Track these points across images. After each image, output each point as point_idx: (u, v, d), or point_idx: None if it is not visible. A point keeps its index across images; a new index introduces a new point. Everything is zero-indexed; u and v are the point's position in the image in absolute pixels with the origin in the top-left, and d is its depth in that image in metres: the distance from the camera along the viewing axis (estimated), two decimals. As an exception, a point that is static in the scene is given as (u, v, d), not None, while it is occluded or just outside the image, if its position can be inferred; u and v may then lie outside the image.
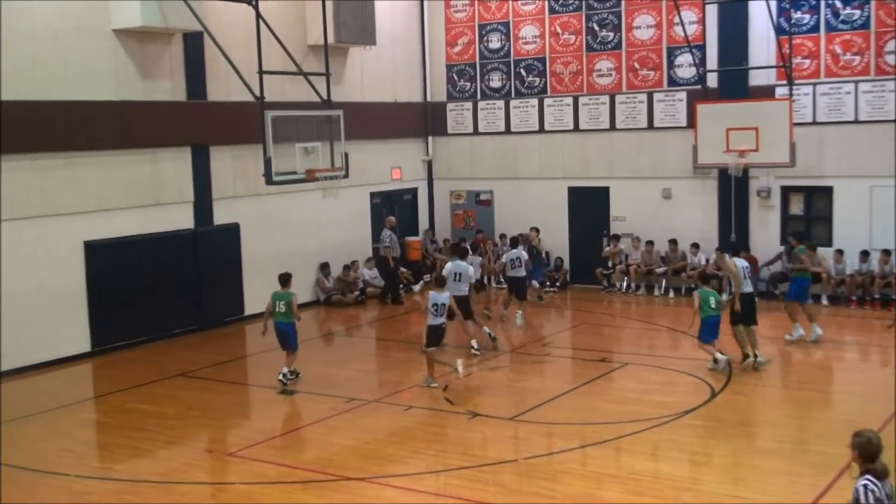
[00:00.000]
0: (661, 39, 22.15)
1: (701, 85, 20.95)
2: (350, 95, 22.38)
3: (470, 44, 24.64)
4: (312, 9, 20.05)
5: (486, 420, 12.99)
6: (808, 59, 20.42)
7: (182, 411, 13.88)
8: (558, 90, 23.48)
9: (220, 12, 18.76)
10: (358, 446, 12.08)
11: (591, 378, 14.84)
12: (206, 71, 19.19)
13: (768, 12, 19.68)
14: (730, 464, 11.20)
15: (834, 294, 20.07)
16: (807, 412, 13.29)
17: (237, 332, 19.51)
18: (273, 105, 17.43)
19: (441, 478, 11.06)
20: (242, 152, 19.75)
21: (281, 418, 13.48)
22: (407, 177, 24.85)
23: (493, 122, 24.46)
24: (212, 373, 16.07)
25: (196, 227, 19.22)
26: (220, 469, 11.72)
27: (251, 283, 20.23)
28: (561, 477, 10.87)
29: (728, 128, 19.77)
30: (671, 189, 22.12)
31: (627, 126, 22.61)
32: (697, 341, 15.30)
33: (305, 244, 21.42)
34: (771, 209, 21.13)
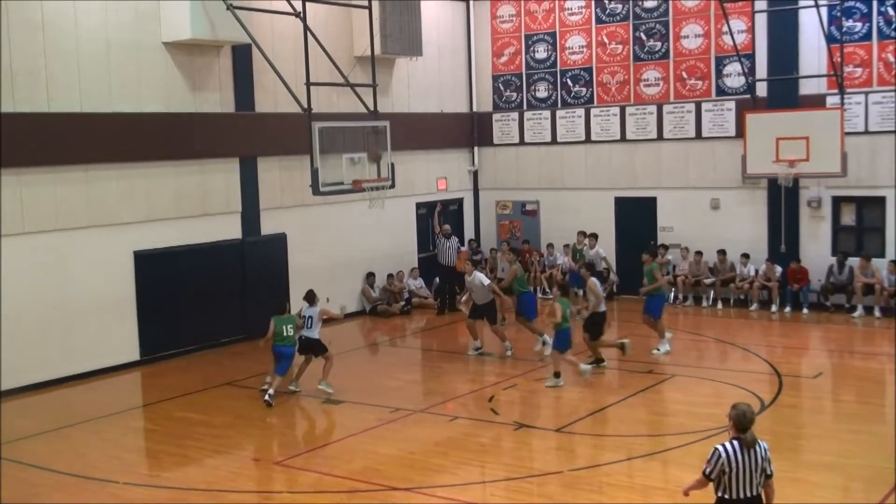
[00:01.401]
0: (709, 48, 21.97)
1: (750, 94, 20.75)
2: (396, 106, 22.47)
3: (516, 54, 24.63)
4: (359, 20, 20.16)
5: (531, 431, 12.92)
6: (860, 67, 20.13)
7: (229, 420, 13.97)
8: (605, 100, 23.37)
9: (269, 25, 18.94)
10: (403, 456, 12.07)
11: (639, 390, 14.70)
12: (255, 83, 19.36)
13: (819, 20, 19.43)
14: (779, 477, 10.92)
15: (887, 306, 19.71)
16: (858, 426, 13.04)
17: (284, 341, 19.60)
18: (320, 116, 17.52)
19: (487, 489, 11.02)
20: (290, 163, 19.89)
21: (327, 428, 13.52)
22: (453, 187, 24.87)
23: (539, 133, 24.40)
24: (258, 382, 16.11)
25: (243, 237, 19.38)
26: (266, 478, 11.77)
27: (297, 293, 20.20)
28: (607, 489, 10.78)
29: (778, 137, 19.54)
30: (720, 199, 21.90)
31: (675, 136, 22.43)
32: (554, 351, 15.42)
33: (351, 254, 21.51)
34: (822, 220, 20.83)
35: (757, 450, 7.57)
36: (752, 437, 7.58)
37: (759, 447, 7.60)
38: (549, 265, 23.69)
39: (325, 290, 20.94)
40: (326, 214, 20.80)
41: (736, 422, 7.63)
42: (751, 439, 7.56)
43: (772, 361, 16.23)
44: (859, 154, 19.77)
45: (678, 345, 18.17)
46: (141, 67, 17.41)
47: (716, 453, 7.56)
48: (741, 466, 7.51)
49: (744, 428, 7.59)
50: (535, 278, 23.46)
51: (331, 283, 21.17)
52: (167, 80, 17.88)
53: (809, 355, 17.62)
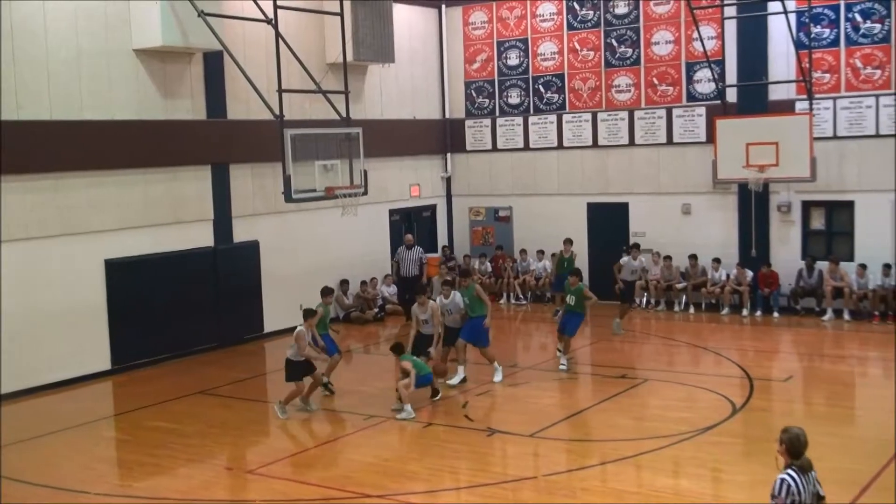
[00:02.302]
0: (679, 55, 22.13)
1: (720, 100, 20.91)
2: (369, 113, 22.48)
3: (488, 61, 24.70)
4: (331, 27, 20.14)
5: (505, 437, 12.94)
6: (829, 73, 20.34)
7: (202, 429, 13.91)
8: (577, 106, 23.48)
9: (240, 31, 18.92)
10: (377, 463, 12.06)
11: (611, 394, 14.76)
12: (226, 90, 19.31)
13: (787, 27, 19.62)
14: (751, 480, 11.10)
15: (856, 309, 19.92)
16: (829, 428, 13.12)
17: (257, 349, 19.59)
18: (293, 123, 17.54)
19: (460, 495, 11.03)
20: (262, 170, 19.85)
21: (300, 436, 13.47)
22: (426, 193, 24.90)
23: (511, 139, 24.49)
24: (232, 390, 16.11)
25: (216, 244, 19.31)
26: (239, 487, 11.72)
27: (270, 301, 20.30)
28: (581, 494, 10.81)
29: (748, 142, 19.71)
30: (691, 204, 22.04)
31: (646, 142, 22.57)
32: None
33: (324, 261, 21.48)
34: (791, 224, 21.02)
35: (811, 476, 7.08)
36: (808, 462, 7.04)
37: (812, 474, 7.11)
38: (522, 271, 23.75)
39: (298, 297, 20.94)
40: (299, 222, 20.77)
41: (789, 446, 7.05)
42: (806, 464, 7.02)
43: (743, 365, 16.35)
44: (828, 159, 19.97)
45: (650, 349, 18.30)
46: (111, 74, 17.32)
47: (784, 484, 6.91)
48: (805, 493, 6.93)
49: (798, 453, 7.02)
50: (509, 284, 23.54)
51: (304, 291, 21.01)
52: (138, 87, 17.80)
53: (780, 359, 17.76)
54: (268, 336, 20.25)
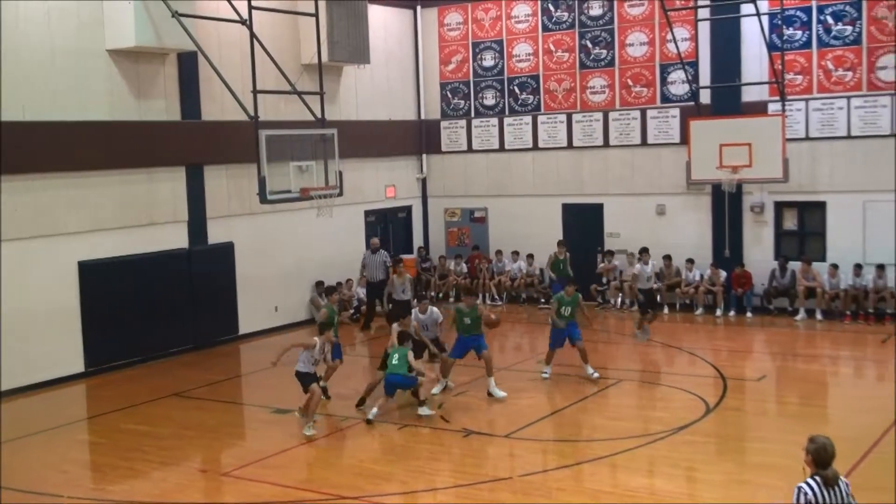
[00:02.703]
0: (653, 56, 22.25)
1: (694, 101, 21.05)
2: (344, 114, 22.45)
3: (464, 62, 24.73)
4: (306, 28, 20.10)
5: (481, 438, 12.96)
6: (801, 74, 20.51)
7: (176, 431, 13.84)
8: (552, 107, 23.55)
9: (215, 32, 18.84)
10: (352, 465, 12.06)
11: (587, 395, 14.82)
12: (201, 90, 19.23)
13: (760, 29, 19.78)
14: (725, 479, 11.19)
15: (828, 309, 20.09)
16: (801, 427, 13.22)
17: (232, 351, 19.53)
18: (267, 124, 17.51)
19: (436, 496, 11.03)
20: (237, 171, 19.79)
21: (276, 438, 13.41)
22: (401, 194, 24.90)
23: (487, 140, 24.53)
24: (206, 392, 16.04)
25: (190, 246, 19.22)
26: (214, 489, 11.67)
27: (245, 303, 20.24)
28: (556, 494, 10.85)
29: (721, 144, 19.87)
30: (665, 205, 22.16)
31: (621, 143, 22.68)
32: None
33: (300, 263, 21.44)
34: (764, 224, 21.18)
35: (840, 487, 6.85)
36: (835, 474, 6.84)
37: (841, 483, 6.88)
38: (497, 272, 23.79)
39: (274, 298, 20.96)
40: (274, 223, 20.71)
41: (816, 456, 6.86)
42: (833, 476, 6.82)
43: (717, 365, 16.47)
44: (800, 160, 20.15)
45: (625, 350, 18.37)
46: (85, 75, 17.21)
47: (801, 492, 6.78)
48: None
49: (825, 463, 6.84)
50: (484, 285, 23.57)
51: (279, 292, 21.12)
52: (111, 87, 17.70)
53: (753, 358, 17.90)
54: (243, 338, 20.19)
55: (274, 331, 20.86)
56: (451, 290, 24.06)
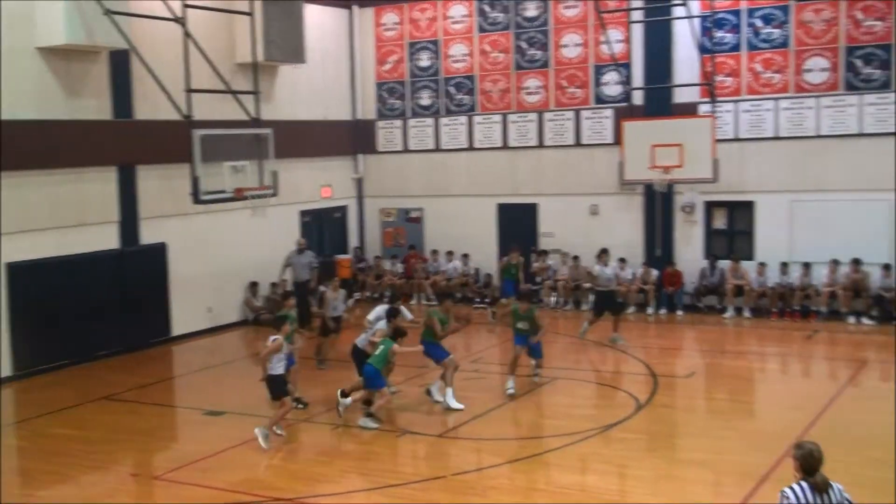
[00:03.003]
0: (587, 58, 22.49)
1: (627, 102, 21.35)
2: (280, 114, 22.32)
3: (400, 62, 24.76)
4: (241, 27, 19.96)
5: (415, 437, 13.01)
6: (730, 76, 20.90)
7: (107, 435, 13.67)
8: (487, 108, 23.69)
9: (148, 30, 18.58)
10: (286, 466, 12.05)
11: (520, 393, 14.93)
12: (133, 89, 19.00)
13: (691, 31, 20.11)
14: (654, 475, 11.38)
15: (756, 306, 20.52)
16: (729, 422, 13.54)
17: (164, 353, 19.32)
18: (202, 124, 17.36)
19: (371, 496, 11.06)
20: (170, 171, 19.55)
21: (208, 440, 13.31)
22: (337, 195, 24.85)
23: (422, 140, 24.59)
24: (137, 395, 15.86)
25: (122, 247, 18.98)
26: (145, 493, 11.57)
27: (178, 304, 20.05)
28: (490, 492, 10.95)
29: (653, 144, 20.15)
30: (598, 205, 22.42)
31: (555, 143, 22.90)
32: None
33: (234, 263, 21.27)
34: (695, 224, 21.55)
35: (831, 494, 6.75)
36: (824, 480, 6.74)
37: (834, 490, 6.77)
38: (433, 271, 23.87)
39: (207, 300, 20.79)
40: (208, 223, 20.52)
41: (803, 462, 6.79)
42: (822, 482, 6.72)
43: (648, 362, 16.72)
44: (730, 160, 20.53)
45: (558, 348, 18.54)
46: (14, 73, 16.87)
47: (783, 497, 6.72)
48: None
49: (812, 469, 6.75)
50: (420, 285, 23.62)
51: (213, 293, 20.95)
52: (41, 86, 17.40)
53: (683, 355, 18.22)
54: (175, 340, 19.99)
55: (208, 332, 20.70)
56: (387, 290, 24.09)
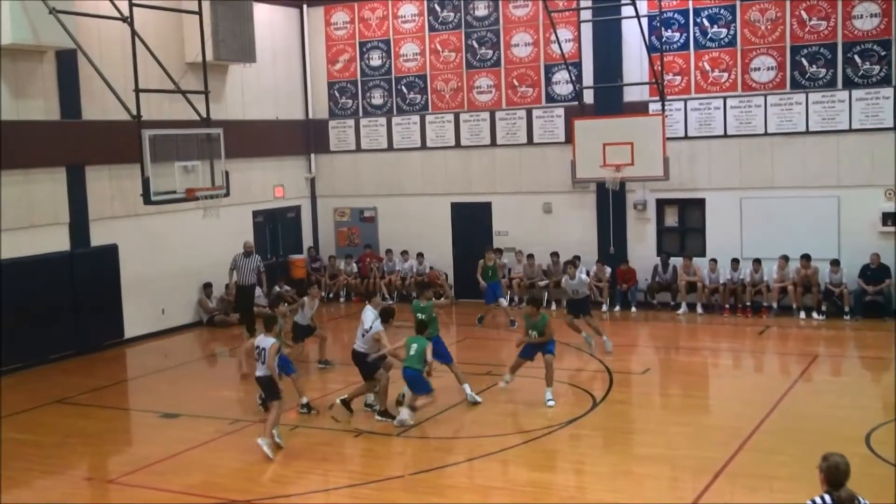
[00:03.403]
0: (538, 57, 22.60)
1: (578, 101, 21.48)
2: (231, 113, 22.17)
3: (351, 61, 24.69)
4: (190, 26, 19.78)
5: (372, 437, 12.99)
6: (679, 75, 21.13)
7: (60, 439, 13.49)
8: (439, 107, 23.72)
9: (95, 29, 18.38)
10: (243, 468, 11.95)
11: (477, 391, 14.96)
12: (81, 89, 18.75)
13: (640, 31, 20.28)
14: (611, 471, 11.47)
15: (708, 302, 20.76)
16: (684, 418, 13.69)
17: (117, 355, 19.10)
18: (151, 124, 17.20)
19: (329, 496, 11.03)
20: (120, 172, 19.35)
21: (163, 443, 13.19)
22: (290, 194, 24.72)
23: (375, 140, 24.54)
24: (91, 398, 15.67)
25: (72, 249, 18.73)
26: (100, 497, 11.43)
27: (131, 306, 19.83)
28: (448, 491, 10.97)
29: (604, 143, 20.30)
30: (552, 203, 22.54)
31: (508, 142, 22.98)
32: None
33: (187, 264, 21.07)
34: (647, 221, 21.76)
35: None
36: (850, 495, 6.44)
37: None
38: (388, 271, 23.84)
39: (160, 302, 20.59)
40: (160, 224, 20.32)
41: (828, 475, 6.49)
42: (847, 497, 6.43)
43: (603, 359, 16.83)
44: (680, 158, 20.77)
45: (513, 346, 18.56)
46: (-43, 73, 16.62)
47: None
48: None
49: (838, 483, 6.46)
50: (375, 284, 23.57)
51: (166, 294, 20.75)
52: (-14, 86, 17.13)
53: (638, 352, 18.36)
54: (128, 342, 19.78)
55: (161, 334, 20.51)
56: (342, 290, 24.07)
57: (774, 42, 20.31)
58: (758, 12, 20.38)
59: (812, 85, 20.04)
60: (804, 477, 10.78)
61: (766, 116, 20.39)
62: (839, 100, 19.77)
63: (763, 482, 10.78)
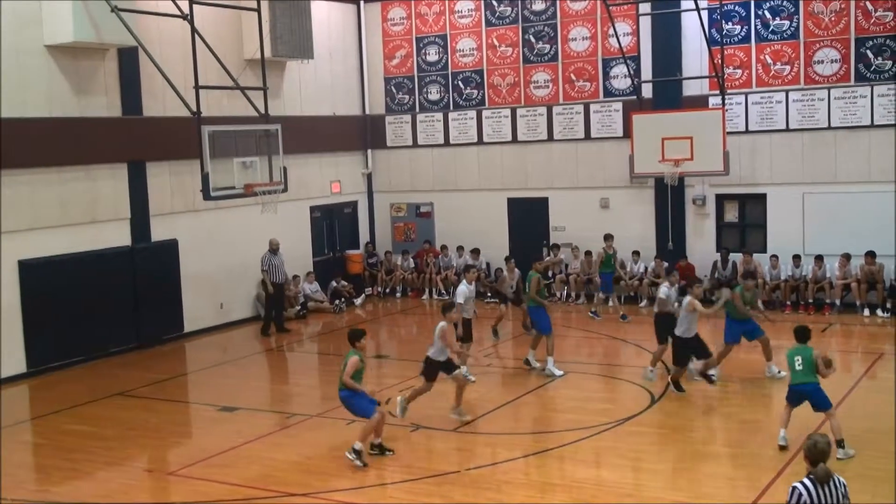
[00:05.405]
0: (596, 51, 22.43)
1: (636, 95, 21.27)
2: (288, 109, 22.32)
3: (408, 57, 24.72)
4: (249, 23, 19.95)
5: (428, 432, 13.00)
6: (740, 69, 20.82)
7: (121, 431, 13.69)
8: (496, 102, 23.65)
9: (155, 27, 18.60)
10: (300, 462, 12.03)
11: (533, 388, 14.91)
12: (142, 86, 19.00)
13: (700, 24, 20.01)
14: (670, 469, 11.36)
15: (769, 299, 20.43)
16: (744, 416, 13.49)
17: (176, 349, 19.34)
18: (210, 120, 17.38)
19: (385, 491, 11.06)
20: (180, 168, 19.58)
21: (222, 436, 13.33)
22: (347, 190, 24.83)
23: (431, 135, 24.55)
24: (151, 391, 15.89)
25: (133, 244, 19.00)
26: (160, 489, 11.58)
27: (190, 300, 20.06)
28: (504, 487, 10.93)
29: (663, 137, 20.12)
30: (609, 198, 22.37)
31: (565, 137, 22.84)
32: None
33: (245, 259, 21.23)
34: (706, 217, 21.49)
35: (833, 486, 6.84)
36: (824, 471, 6.82)
37: (836, 482, 6.87)
38: (444, 266, 23.84)
39: (219, 296, 20.82)
40: (218, 219, 20.54)
41: (807, 453, 6.95)
42: (822, 473, 6.81)
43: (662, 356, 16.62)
44: (740, 153, 20.48)
45: (571, 342, 18.51)
46: (23, 72, 16.90)
47: (795, 492, 6.81)
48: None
49: (814, 460, 6.89)
50: (431, 280, 23.60)
51: (224, 290, 20.97)
52: (50, 84, 17.41)
53: (697, 349, 18.08)
54: (187, 336, 20.01)
55: (220, 328, 20.73)
56: (399, 286, 24.13)
57: (838, 34, 19.92)
58: (821, 3, 20.00)
59: (877, 77, 19.61)
60: (867, 475, 10.62)
61: (830, 110, 20.01)
62: (905, 92, 19.34)
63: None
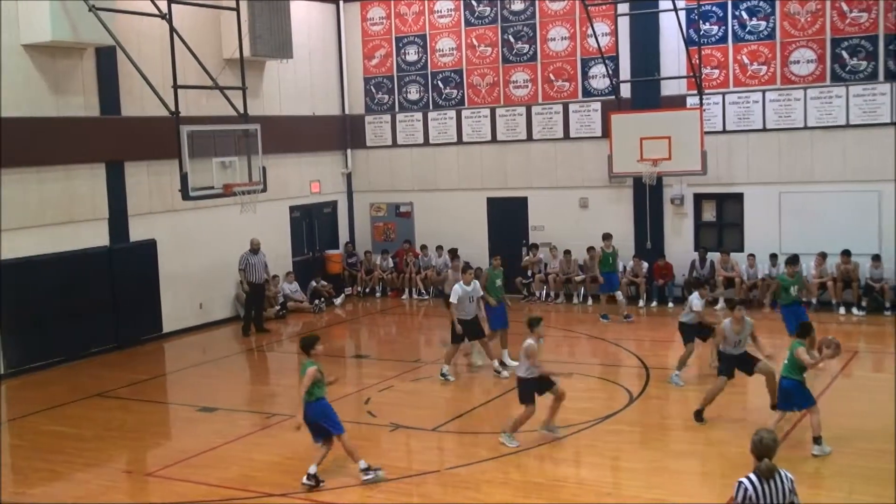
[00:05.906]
0: (575, 51, 22.50)
1: (614, 95, 21.35)
2: (267, 109, 22.28)
3: (387, 56, 24.72)
4: (228, 22, 19.88)
5: (407, 432, 13.03)
6: (717, 69, 20.94)
7: (99, 432, 13.65)
8: (475, 102, 23.68)
9: (134, 26, 18.53)
10: (279, 462, 12.02)
11: (512, 387, 14.88)
12: (120, 86, 18.92)
13: (678, 24, 20.11)
14: (648, 467, 11.41)
15: (746, 298, 20.50)
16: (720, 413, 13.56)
17: (156, 350, 19.28)
18: (189, 120, 17.34)
19: (365, 491, 11.05)
20: (158, 168, 19.51)
21: (201, 436, 13.30)
22: (326, 190, 24.81)
23: (411, 135, 24.56)
24: (130, 392, 15.83)
25: (112, 244, 18.92)
26: (139, 490, 11.56)
27: (169, 301, 20.00)
28: (484, 486, 10.96)
29: (641, 137, 20.22)
30: (588, 198, 22.45)
31: (544, 136, 22.90)
32: None
33: (224, 259, 21.17)
34: (685, 216, 21.60)
35: (778, 481, 6.90)
36: (767, 467, 6.89)
37: (781, 477, 6.93)
38: (423, 266, 23.87)
39: (198, 296, 20.77)
40: (197, 219, 20.48)
41: (753, 448, 7.02)
42: (766, 468, 6.88)
43: (640, 355, 16.76)
44: (718, 152, 20.60)
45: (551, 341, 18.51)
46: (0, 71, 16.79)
47: (741, 487, 6.87)
48: (765, 499, 6.83)
49: (760, 456, 6.95)
50: (410, 279, 23.62)
51: (204, 290, 20.92)
52: (28, 83, 17.32)
53: (675, 348, 18.10)
54: (167, 336, 19.95)
55: (199, 328, 20.68)
56: (378, 285, 24.13)
57: (814, 34, 20.07)
58: (797, 4, 20.14)
59: (853, 78, 19.78)
60: (842, 473, 10.73)
61: (806, 110, 20.16)
62: (880, 92, 19.50)
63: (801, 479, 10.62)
